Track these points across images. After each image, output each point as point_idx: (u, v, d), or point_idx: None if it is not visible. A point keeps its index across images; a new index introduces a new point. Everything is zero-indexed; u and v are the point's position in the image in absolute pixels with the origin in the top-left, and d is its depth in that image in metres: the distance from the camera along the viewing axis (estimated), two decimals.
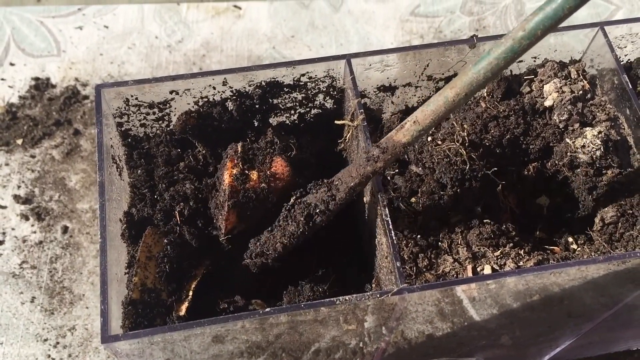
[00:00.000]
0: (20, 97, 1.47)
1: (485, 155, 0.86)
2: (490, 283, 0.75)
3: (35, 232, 1.31)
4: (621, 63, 0.92)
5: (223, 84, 0.88)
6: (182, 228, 0.82)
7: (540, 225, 0.87)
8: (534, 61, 0.95)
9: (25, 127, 1.43)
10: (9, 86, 1.49)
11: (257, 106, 0.92)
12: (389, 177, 0.88)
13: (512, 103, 0.90)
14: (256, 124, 0.94)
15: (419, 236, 0.81)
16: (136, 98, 0.87)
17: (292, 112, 0.95)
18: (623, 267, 0.81)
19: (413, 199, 0.85)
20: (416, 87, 0.96)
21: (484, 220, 0.83)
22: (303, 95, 0.92)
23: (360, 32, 1.59)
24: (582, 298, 0.89)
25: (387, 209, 0.77)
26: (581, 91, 0.89)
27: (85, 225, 1.34)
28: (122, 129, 0.90)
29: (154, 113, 0.90)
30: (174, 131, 0.91)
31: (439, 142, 0.85)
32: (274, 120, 0.95)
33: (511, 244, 0.80)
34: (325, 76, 0.90)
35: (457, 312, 0.87)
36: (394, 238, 0.75)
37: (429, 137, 0.87)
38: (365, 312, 0.80)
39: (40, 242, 1.31)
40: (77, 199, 1.36)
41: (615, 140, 0.86)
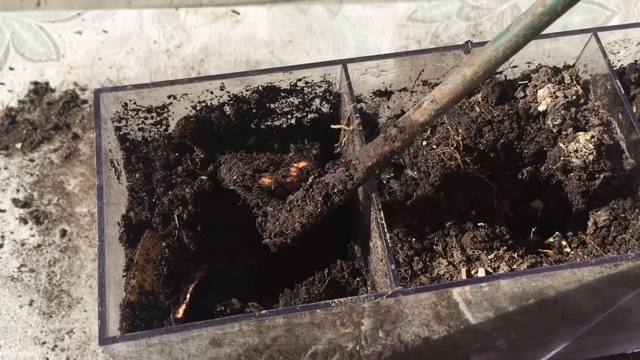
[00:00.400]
0: (19, 102, 1.47)
1: (479, 159, 0.87)
2: (484, 286, 0.76)
3: (33, 236, 1.32)
4: (614, 68, 0.93)
5: (221, 89, 0.89)
6: (181, 232, 0.83)
7: (534, 228, 0.88)
8: (528, 66, 0.96)
9: (24, 131, 1.43)
10: (8, 90, 1.50)
11: (255, 111, 0.93)
12: (385, 181, 0.89)
13: (507, 108, 0.91)
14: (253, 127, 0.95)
15: (414, 239, 0.82)
16: (134, 102, 0.88)
17: (289, 117, 0.96)
18: (616, 270, 0.82)
19: (408, 203, 0.86)
20: (412, 92, 0.97)
21: (478, 223, 0.83)
22: (300, 100, 0.93)
23: (357, 37, 1.60)
24: (576, 301, 0.90)
25: (383, 212, 0.78)
26: (574, 96, 0.90)
27: (83, 228, 1.35)
28: (121, 133, 0.91)
29: (152, 117, 0.90)
30: (173, 136, 0.92)
31: (434, 147, 0.86)
32: (271, 124, 0.96)
33: (505, 247, 0.81)
34: (321, 81, 0.91)
35: (453, 316, 0.88)
36: (389, 241, 0.76)
37: (424, 142, 0.88)
38: (361, 315, 0.81)
39: (38, 246, 1.31)
40: (76, 203, 1.37)
41: (608, 144, 0.87)
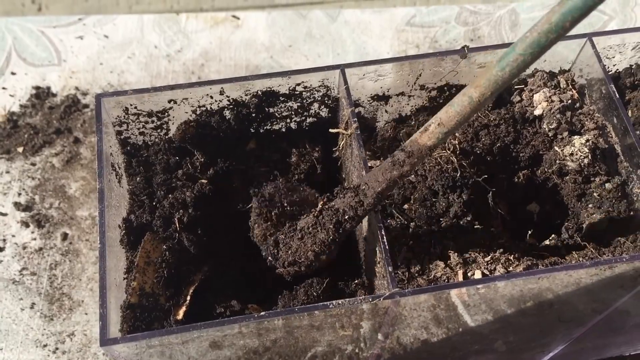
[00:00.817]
0: (21, 106, 1.49)
1: (476, 162, 0.88)
2: (480, 287, 0.77)
3: (35, 239, 1.33)
4: (609, 73, 0.94)
5: (220, 93, 0.90)
6: (181, 234, 0.84)
7: (530, 231, 0.89)
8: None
9: (26, 136, 1.44)
10: (10, 95, 1.51)
11: (254, 115, 0.94)
12: None
13: (503, 112, 0.92)
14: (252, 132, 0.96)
15: (412, 242, 0.83)
16: (135, 107, 0.89)
17: (288, 121, 0.97)
18: (611, 272, 0.83)
19: (406, 206, 0.87)
20: (409, 97, 0.98)
21: (475, 226, 0.84)
22: (298, 104, 0.94)
23: (356, 42, 1.61)
24: (572, 303, 0.91)
25: (380, 215, 0.79)
26: (570, 100, 0.91)
27: (84, 232, 1.36)
28: (122, 137, 0.92)
29: (153, 122, 0.92)
30: (173, 140, 0.93)
31: None
32: (270, 128, 0.97)
33: (501, 250, 0.82)
34: (320, 85, 0.92)
35: (451, 318, 0.88)
36: (387, 244, 0.77)
37: None
38: (359, 317, 0.81)
39: (40, 249, 1.32)
40: (77, 206, 1.38)
41: (603, 148, 0.88)
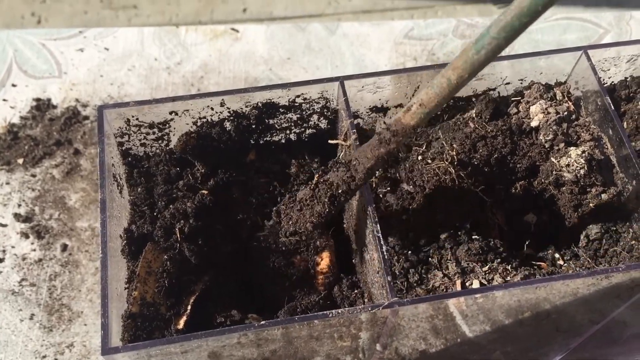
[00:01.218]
0: (21, 118, 1.50)
1: (473, 173, 0.89)
2: (478, 297, 0.78)
3: (34, 250, 1.34)
4: (605, 85, 0.95)
5: (221, 105, 0.91)
6: (182, 245, 0.85)
7: (527, 241, 0.89)
8: (521, 83, 0.99)
9: (26, 147, 1.45)
10: (11, 107, 1.52)
11: (254, 126, 0.95)
12: (381, 195, 0.91)
13: (500, 123, 0.93)
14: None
15: (410, 252, 0.84)
16: (137, 118, 0.90)
17: (288, 132, 0.98)
18: (607, 282, 0.83)
19: (404, 216, 0.88)
20: None
21: (473, 236, 0.85)
22: (298, 115, 0.95)
23: (355, 55, 1.63)
24: (569, 313, 0.92)
25: (379, 225, 0.80)
26: (566, 112, 0.92)
27: (84, 243, 1.36)
28: (123, 148, 0.93)
29: (154, 133, 0.93)
30: (174, 151, 0.94)
31: (429, 161, 0.88)
32: (270, 139, 0.98)
33: (499, 260, 0.83)
34: (319, 97, 0.93)
35: (450, 328, 0.89)
36: (385, 253, 0.78)
37: (419, 156, 0.90)
38: (358, 328, 0.82)
39: (39, 260, 1.33)
40: (77, 218, 1.38)
41: (599, 159, 0.89)
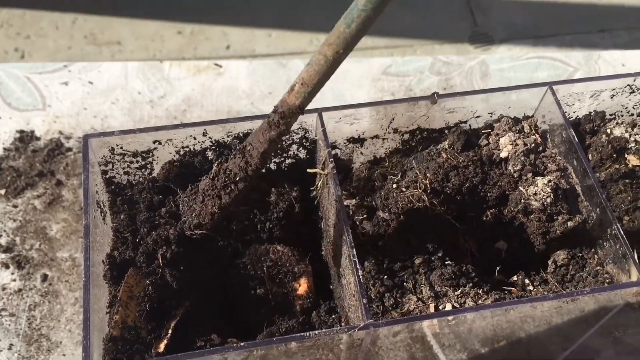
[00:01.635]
0: (4, 149, 1.51)
1: (446, 201, 0.92)
2: (451, 319, 0.80)
3: (15, 280, 1.34)
4: (570, 119, 1.00)
5: (203, 135, 0.94)
6: (164, 270, 0.86)
7: (498, 267, 0.93)
8: (491, 116, 1.03)
9: (8, 178, 1.47)
10: None
11: None
12: (358, 222, 0.94)
13: (471, 154, 0.97)
14: None
15: (385, 277, 0.86)
16: (121, 147, 0.93)
17: (268, 162, 1.01)
18: (574, 306, 0.87)
19: (380, 243, 0.91)
20: (383, 139, 1.03)
21: (446, 262, 0.88)
22: (278, 145, 0.98)
23: (334, 89, 1.68)
24: (540, 338, 0.95)
25: (355, 251, 0.82)
26: (533, 144, 0.97)
27: (64, 273, 1.37)
28: (107, 176, 0.95)
29: (138, 161, 0.95)
30: (157, 179, 0.96)
31: (404, 189, 0.91)
32: None
33: (471, 284, 0.86)
34: (298, 128, 0.96)
35: (427, 358, 0.91)
36: (362, 277, 0.80)
37: (394, 185, 0.93)
38: (336, 353, 0.84)
39: (19, 290, 1.33)
40: (58, 248, 1.39)
41: (564, 188, 0.94)
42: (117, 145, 0.92)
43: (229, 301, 0.95)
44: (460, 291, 0.85)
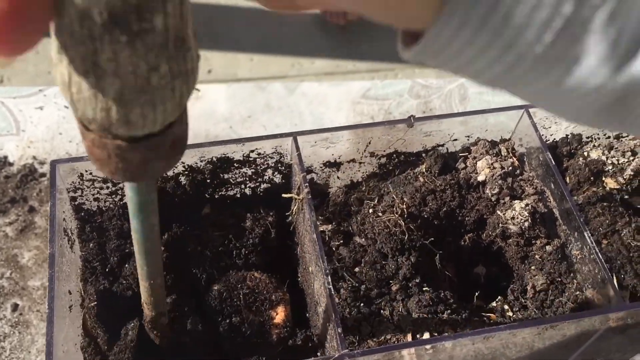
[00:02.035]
0: None
1: (423, 226, 0.91)
2: (429, 348, 0.78)
3: None
4: (547, 142, 0.99)
5: None
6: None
7: (477, 293, 0.91)
8: (468, 140, 1.02)
9: None
10: None
11: (209, 181, 0.96)
12: (334, 248, 0.92)
13: (448, 178, 0.96)
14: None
15: (362, 304, 0.84)
16: (90, 173, 0.90)
17: (243, 187, 0.99)
18: (556, 332, 0.85)
19: (357, 269, 0.89)
20: (360, 163, 1.02)
21: (424, 288, 0.87)
22: (253, 170, 0.97)
23: (314, 113, 1.67)
24: None
25: (330, 278, 0.80)
26: (510, 167, 0.96)
27: (35, 302, 1.33)
28: (76, 203, 0.93)
29: (108, 187, 0.93)
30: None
31: (380, 214, 0.90)
32: (225, 193, 0.99)
33: (449, 311, 0.84)
34: (273, 152, 0.95)
35: None
36: (337, 306, 0.78)
37: (371, 209, 0.92)
38: None
39: None
40: (29, 276, 1.35)
41: (542, 212, 0.92)
42: (87, 170, 0.90)
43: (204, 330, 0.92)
44: (438, 318, 0.83)
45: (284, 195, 0.95)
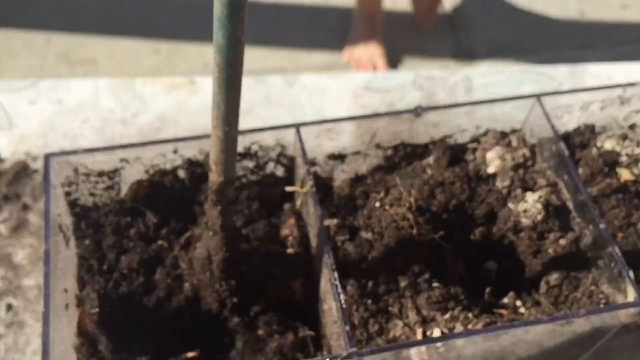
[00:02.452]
0: None
1: (432, 220, 0.88)
2: (439, 346, 0.75)
3: None
4: (559, 132, 0.96)
5: (174, 152, 0.89)
6: None
7: (488, 288, 0.88)
8: (477, 130, 0.99)
9: None
10: None
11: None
12: (340, 243, 0.89)
13: (457, 170, 0.93)
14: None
15: (370, 301, 0.81)
16: (86, 167, 0.87)
17: (244, 180, 0.96)
18: (568, 329, 0.82)
19: (363, 265, 0.86)
20: (365, 155, 0.98)
21: (433, 284, 0.83)
22: (254, 163, 0.94)
23: (314, 106, 1.63)
24: None
25: (337, 273, 0.77)
26: (522, 158, 0.93)
27: (30, 302, 1.29)
28: (71, 198, 0.89)
29: (104, 182, 0.90)
30: (125, 200, 0.91)
31: (387, 208, 0.87)
32: None
33: (460, 308, 0.81)
34: (275, 144, 0.92)
35: None
36: (344, 302, 0.75)
37: (377, 203, 0.88)
38: None
39: None
40: (24, 275, 1.32)
41: (555, 204, 0.89)
42: (82, 164, 0.87)
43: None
44: (449, 315, 0.80)
45: (287, 188, 0.92)
